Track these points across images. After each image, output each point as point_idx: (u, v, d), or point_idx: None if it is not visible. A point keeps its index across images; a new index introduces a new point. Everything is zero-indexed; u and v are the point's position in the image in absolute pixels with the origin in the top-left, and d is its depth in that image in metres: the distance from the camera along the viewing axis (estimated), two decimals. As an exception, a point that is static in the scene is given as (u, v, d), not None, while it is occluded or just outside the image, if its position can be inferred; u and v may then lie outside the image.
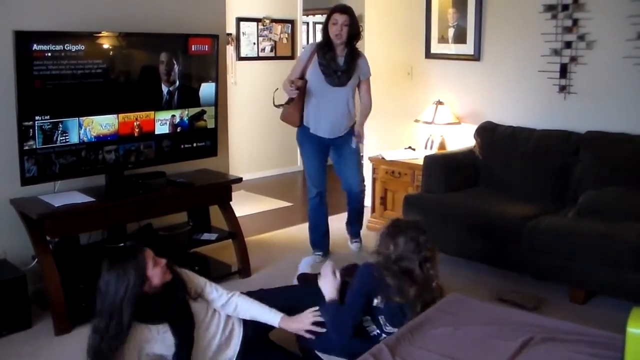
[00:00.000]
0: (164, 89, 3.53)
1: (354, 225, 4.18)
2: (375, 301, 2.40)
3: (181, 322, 2.29)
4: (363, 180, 4.07)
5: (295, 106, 3.73)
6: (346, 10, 3.65)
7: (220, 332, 2.43)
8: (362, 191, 4.05)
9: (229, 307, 2.46)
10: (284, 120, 3.83)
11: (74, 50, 3.08)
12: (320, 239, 4.07)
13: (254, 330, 2.50)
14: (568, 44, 3.95)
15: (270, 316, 2.46)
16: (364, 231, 4.28)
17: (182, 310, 2.32)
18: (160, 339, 2.26)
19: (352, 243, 4.19)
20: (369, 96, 3.92)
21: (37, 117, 2.99)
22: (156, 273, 2.23)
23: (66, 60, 3.06)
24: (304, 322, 2.43)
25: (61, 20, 3.29)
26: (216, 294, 2.47)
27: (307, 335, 2.43)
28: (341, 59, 3.72)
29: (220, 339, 2.43)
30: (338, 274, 2.56)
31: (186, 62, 3.60)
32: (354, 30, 3.67)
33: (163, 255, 2.35)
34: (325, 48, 3.70)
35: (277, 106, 3.79)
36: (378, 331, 2.46)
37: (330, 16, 3.67)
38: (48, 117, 3.03)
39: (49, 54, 2.99)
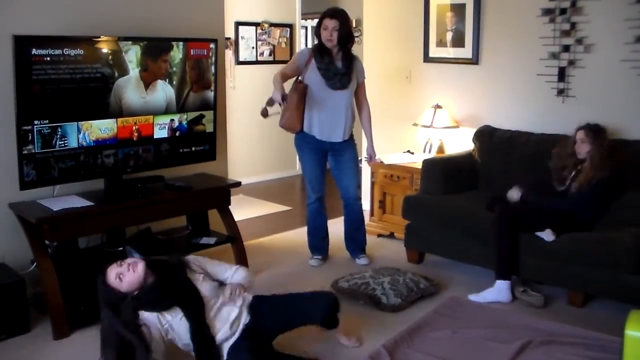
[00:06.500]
0: (163, 93, 3.52)
1: (355, 240, 4.03)
2: None
3: (188, 304, 2.46)
4: (360, 187, 4.01)
5: (295, 112, 3.68)
6: (335, 14, 3.62)
7: (230, 319, 2.56)
8: (359, 198, 4.00)
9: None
10: (284, 126, 3.76)
11: (72, 54, 3.08)
12: (319, 242, 4.06)
13: (258, 335, 2.60)
14: (566, 48, 3.95)
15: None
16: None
17: (188, 294, 2.49)
18: (175, 324, 2.45)
19: (359, 259, 4.02)
20: (367, 100, 3.93)
21: (36, 122, 3.00)
22: (126, 279, 2.42)
23: (65, 65, 3.06)
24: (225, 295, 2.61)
25: (60, 24, 3.31)
26: (219, 268, 2.74)
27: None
28: (339, 62, 3.72)
29: (229, 325, 2.55)
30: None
31: (185, 66, 3.59)
32: (344, 34, 3.63)
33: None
34: (322, 52, 3.68)
35: (265, 114, 3.63)
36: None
37: (321, 22, 3.67)
38: (47, 121, 3.04)
39: (48, 59, 2.99)
